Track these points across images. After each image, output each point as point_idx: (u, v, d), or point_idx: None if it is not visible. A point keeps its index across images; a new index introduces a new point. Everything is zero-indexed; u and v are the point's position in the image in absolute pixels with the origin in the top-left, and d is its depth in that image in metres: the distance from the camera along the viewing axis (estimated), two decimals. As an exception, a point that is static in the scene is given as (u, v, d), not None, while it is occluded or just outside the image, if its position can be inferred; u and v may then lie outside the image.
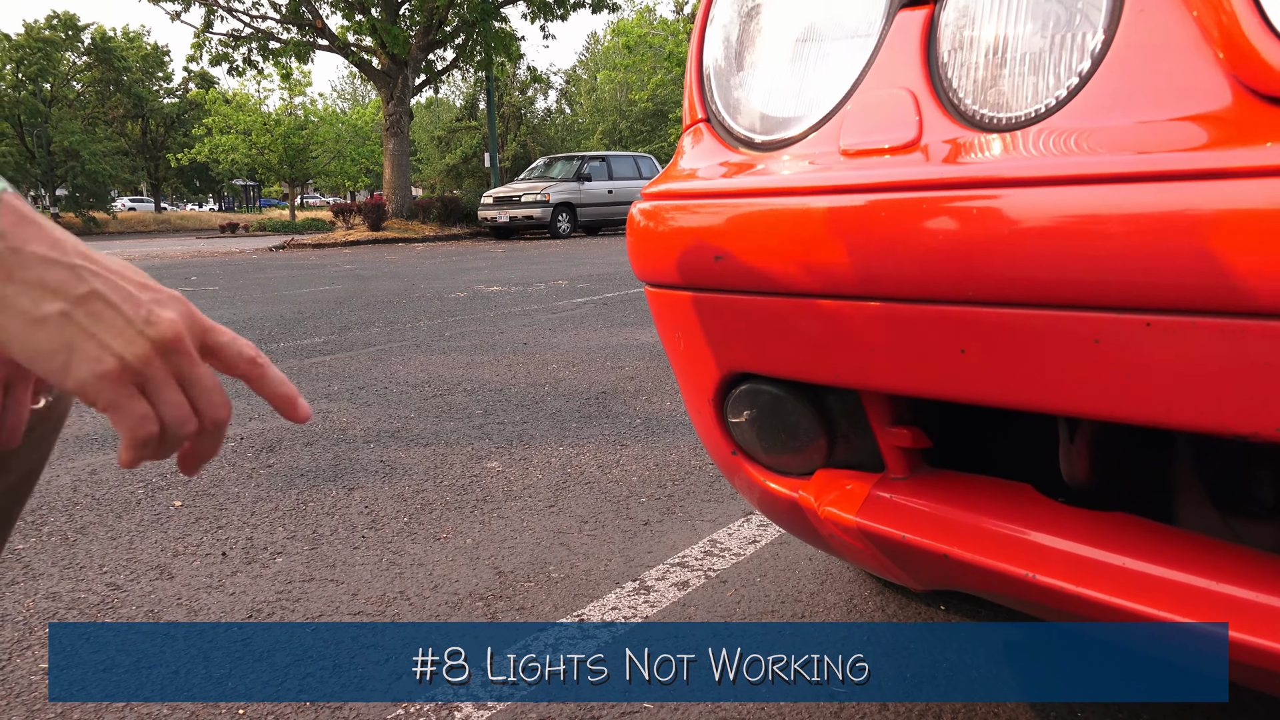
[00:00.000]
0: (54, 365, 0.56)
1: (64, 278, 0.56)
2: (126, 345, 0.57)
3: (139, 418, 0.58)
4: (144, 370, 0.58)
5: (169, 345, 0.59)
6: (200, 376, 0.60)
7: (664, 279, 1.04)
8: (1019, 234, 0.74)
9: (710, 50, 1.15)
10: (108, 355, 0.57)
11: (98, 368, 0.56)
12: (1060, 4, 0.86)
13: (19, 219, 0.56)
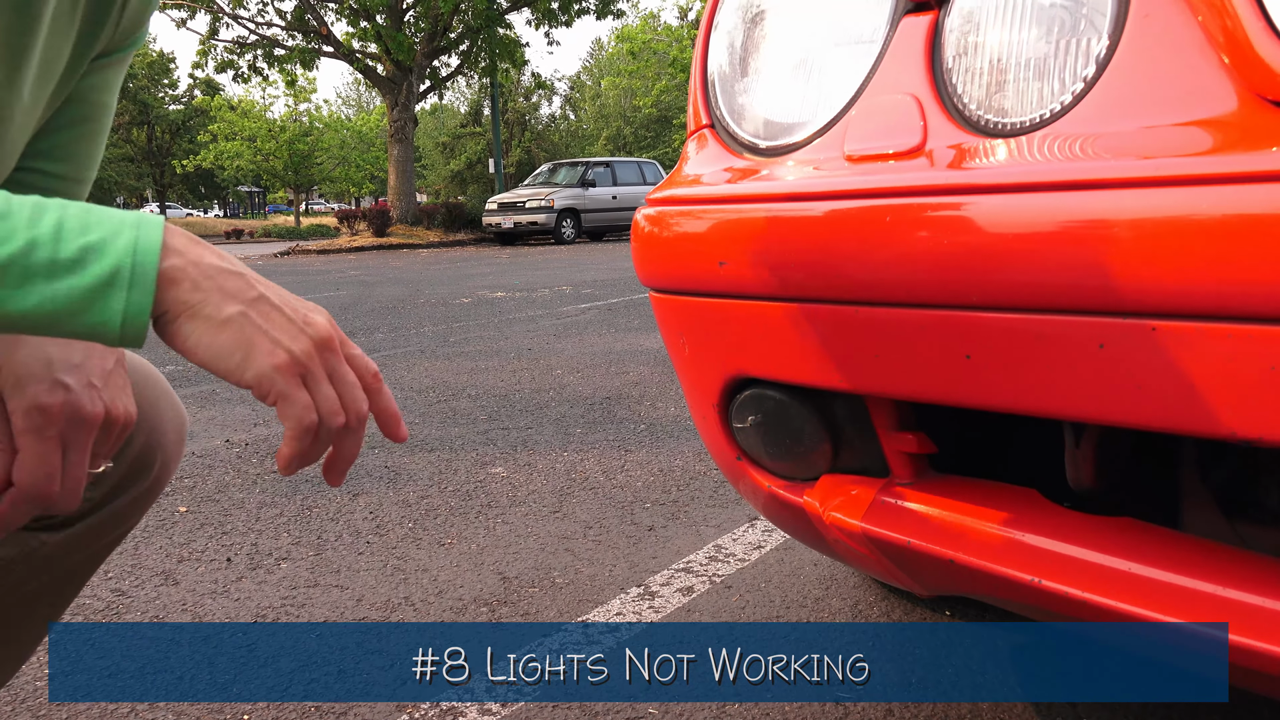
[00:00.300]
0: (234, 362, 0.61)
1: (239, 284, 0.63)
2: (293, 341, 0.63)
3: (303, 407, 0.64)
4: (307, 364, 0.64)
5: (325, 343, 0.65)
6: (346, 373, 0.67)
7: (668, 284, 1.04)
8: (1023, 239, 0.74)
9: (715, 56, 1.15)
10: (280, 349, 0.63)
11: (273, 360, 0.62)
12: (1065, 9, 0.86)
13: (189, 239, 0.62)
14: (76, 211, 0.59)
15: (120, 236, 0.59)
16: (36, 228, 0.57)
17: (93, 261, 0.57)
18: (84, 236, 0.58)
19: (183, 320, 0.61)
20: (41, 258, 0.57)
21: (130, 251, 0.58)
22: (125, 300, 0.58)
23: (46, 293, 0.57)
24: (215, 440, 3.01)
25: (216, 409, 3.48)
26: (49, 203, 0.59)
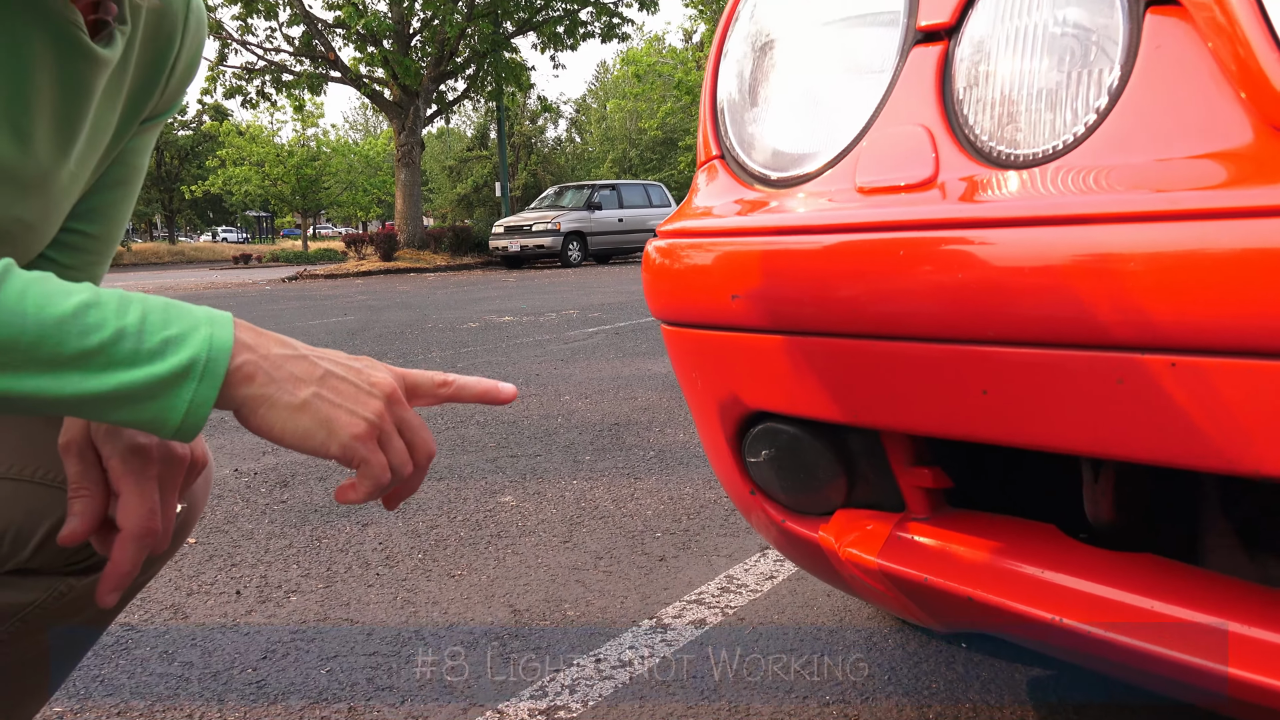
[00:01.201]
0: (318, 439, 0.66)
1: (305, 367, 0.67)
2: (365, 407, 0.68)
3: (380, 467, 0.68)
4: (381, 425, 0.68)
5: (392, 398, 0.69)
6: (411, 418, 0.71)
7: (680, 317, 1.03)
8: (1039, 273, 0.74)
9: (724, 85, 1.15)
10: (357, 419, 0.67)
11: (354, 430, 0.67)
12: (1076, 39, 0.85)
13: (254, 332, 0.66)
14: (157, 305, 0.63)
15: (197, 332, 0.63)
16: (124, 318, 0.61)
17: (171, 354, 0.61)
18: (165, 330, 0.62)
19: (263, 411, 0.65)
20: (127, 347, 0.60)
21: (206, 347, 0.62)
22: (193, 392, 0.62)
23: (125, 378, 0.60)
24: (224, 469, 3.00)
25: (225, 437, 3.48)
26: (132, 296, 0.63)
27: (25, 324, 0.58)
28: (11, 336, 0.57)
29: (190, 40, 0.94)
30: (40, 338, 0.58)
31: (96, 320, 0.60)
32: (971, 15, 0.92)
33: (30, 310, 0.58)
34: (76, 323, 0.59)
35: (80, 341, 0.59)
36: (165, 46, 0.92)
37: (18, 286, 0.59)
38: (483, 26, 18.61)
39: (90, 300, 0.61)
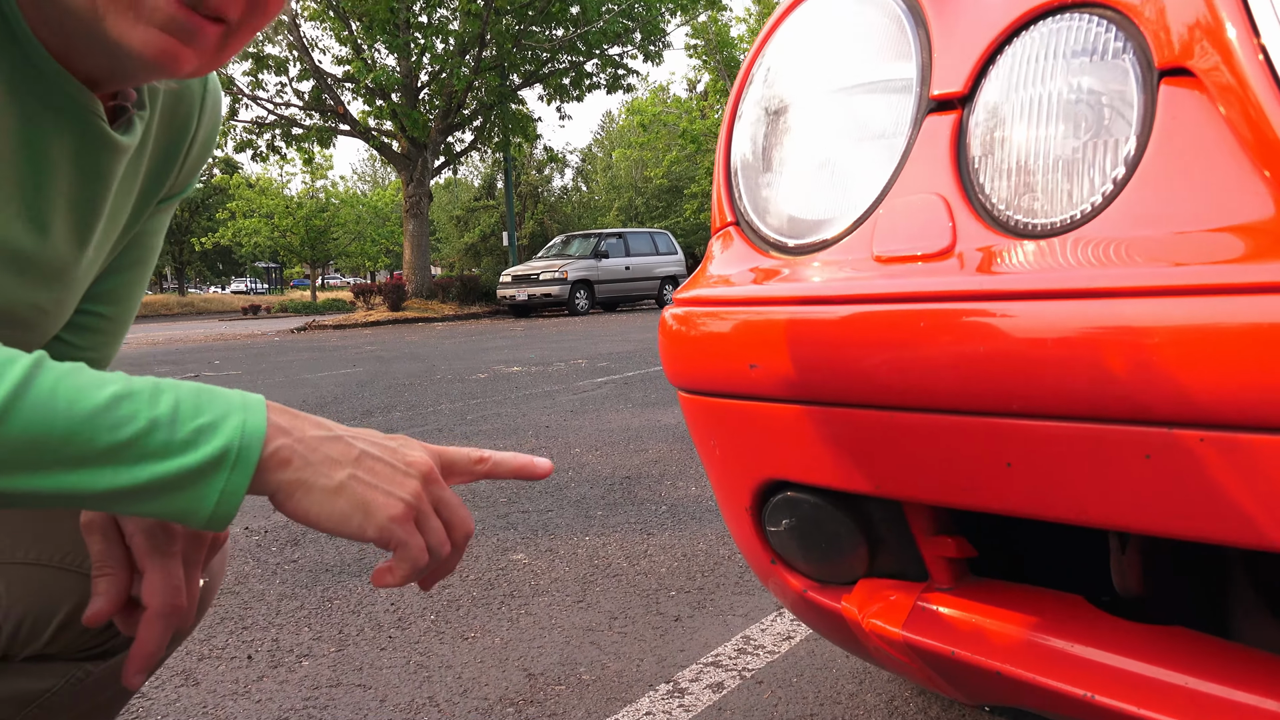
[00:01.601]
0: (355, 523, 0.65)
1: (341, 448, 0.66)
2: (402, 488, 0.67)
3: (418, 549, 0.68)
4: (418, 505, 0.68)
5: (428, 477, 0.69)
6: (449, 497, 0.70)
7: (698, 385, 1.03)
8: (1062, 346, 0.73)
9: (738, 149, 1.15)
10: (394, 500, 0.66)
11: (391, 512, 0.66)
12: (1091, 109, 0.86)
13: (289, 415, 0.65)
14: (189, 392, 0.62)
15: (230, 419, 0.62)
16: (156, 408, 0.60)
17: (204, 443, 0.60)
18: (197, 418, 0.61)
19: (299, 495, 0.64)
20: (160, 439, 0.59)
21: (239, 434, 0.61)
22: (225, 481, 0.61)
23: (157, 470, 0.59)
24: (234, 527, 2.99)
25: (235, 494, 3.46)
26: (164, 383, 0.62)
27: (56, 420, 0.57)
28: (42, 434, 0.56)
29: (207, 120, 0.95)
30: (71, 433, 0.57)
31: (129, 412, 0.59)
32: (985, 84, 0.92)
33: (62, 406, 0.57)
34: (108, 416, 0.58)
35: (112, 435, 0.58)
36: (182, 128, 0.92)
37: (49, 382, 0.58)
38: (489, 79, 18.86)
39: (123, 391, 0.60)
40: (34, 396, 0.57)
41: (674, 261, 19.90)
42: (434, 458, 0.71)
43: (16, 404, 0.56)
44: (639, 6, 19.50)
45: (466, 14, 17.93)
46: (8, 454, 0.56)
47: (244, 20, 0.73)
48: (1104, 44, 0.85)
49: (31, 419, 0.56)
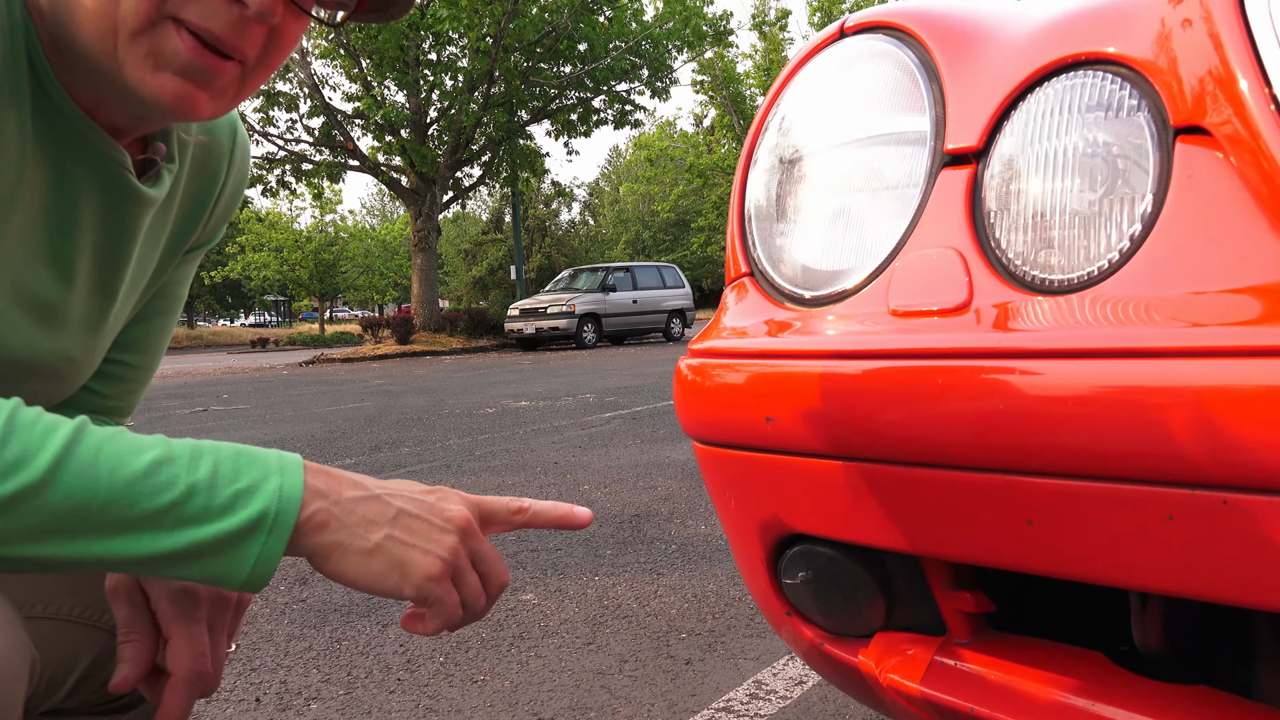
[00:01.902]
0: (392, 582, 0.65)
1: (378, 508, 0.66)
2: (439, 545, 0.67)
3: (453, 606, 0.68)
4: (455, 561, 0.67)
5: (466, 531, 0.69)
6: (486, 550, 0.70)
7: (714, 438, 1.03)
8: (1082, 405, 0.73)
9: (753, 197, 1.16)
10: (431, 558, 0.66)
11: (429, 571, 0.66)
12: (1106, 165, 0.86)
13: (326, 475, 0.65)
14: (228, 455, 0.62)
15: (267, 483, 0.62)
16: (195, 473, 0.60)
17: (242, 508, 0.60)
18: (236, 482, 0.61)
19: (336, 557, 0.64)
20: (199, 504, 0.59)
21: (276, 498, 0.61)
22: (261, 545, 0.61)
23: (196, 535, 0.59)
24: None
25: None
26: (203, 446, 0.62)
27: (98, 488, 0.57)
28: (83, 501, 0.57)
29: (235, 172, 0.96)
30: (111, 500, 0.57)
31: (169, 477, 0.59)
32: (999, 139, 0.93)
33: (104, 473, 0.58)
34: (149, 481, 0.59)
35: (152, 501, 0.58)
36: (211, 179, 0.93)
37: (92, 448, 0.58)
38: (498, 115, 19.02)
39: (163, 456, 0.60)
40: (76, 464, 0.57)
41: (681, 295, 19.95)
42: (472, 509, 0.71)
43: (60, 471, 0.57)
44: (646, 44, 19.70)
45: (476, 51, 18.12)
46: (50, 520, 0.56)
47: (261, 59, 0.74)
48: (1119, 101, 0.86)
49: (75, 486, 0.57)
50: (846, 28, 1.13)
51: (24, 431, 0.57)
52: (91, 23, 0.67)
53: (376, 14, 0.80)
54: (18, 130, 0.70)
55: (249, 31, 0.70)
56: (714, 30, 20.30)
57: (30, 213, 0.74)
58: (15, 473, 0.56)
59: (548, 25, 18.45)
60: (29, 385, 0.81)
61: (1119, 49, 0.87)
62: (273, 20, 0.70)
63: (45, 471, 0.56)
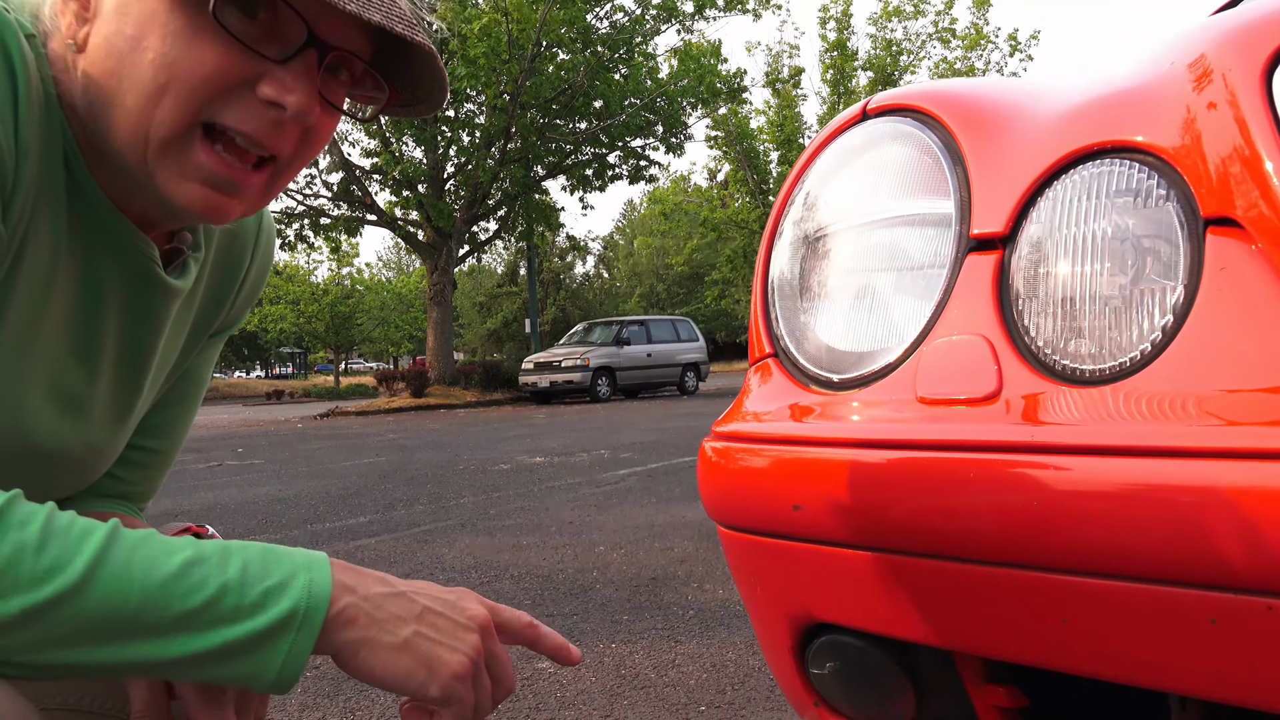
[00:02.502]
0: (419, 680, 0.65)
1: (404, 604, 0.66)
2: (464, 643, 0.67)
3: (469, 707, 0.68)
4: (477, 659, 0.68)
5: (485, 629, 0.69)
6: (501, 653, 0.71)
7: (739, 523, 1.02)
8: (1116, 504, 0.72)
9: (776, 273, 1.16)
10: (459, 655, 0.67)
11: (456, 669, 0.66)
12: (1135, 253, 0.85)
13: (353, 572, 0.66)
14: (256, 554, 0.63)
15: (296, 579, 0.62)
16: (226, 573, 0.61)
17: (272, 605, 0.61)
18: (265, 580, 0.62)
19: (364, 653, 0.64)
20: (230, 603, 0.60)
21: (305, 595, 0.62)
22: (290, 643, 0.61)
23: (227, 635, 0.60)
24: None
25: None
26: (232, 545, 0.63)
27: (132, 590, 0.58)
28: (118, 604, 0.57)
29: (260, 258, 0.97)
30: (146, 602, 0.58)
31: (200, 578, 0.60)
32: (1026, 226, 0.93)
33: (137, 577, 0.58)
34: (181, 583, 0.59)
35: (184, 602, 0.59)
36: (236, 265, 0.94)
37: (124, 553, 0.59)
38: (514, 171, 19.24)
39: (194, 557, 0.61)
40: (111, 567, 0.58)
41: (696, 349, 19.97)
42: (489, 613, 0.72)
43: (95, 575, 0.57)
44: (661, 101, 19.94)
45: (493, 108, 18.38)
46: (84, 625, 0.56)
47: (294, 157, 0.75)
48: (1147, 190, 0.86)
49: (110, 590, 0.57)
50: (869, 109, 1.13)
51: (59, 536, 0.58)
52: (126, 128, 0.68)
53: (406, 109, 0.81)
54: (52, 228, 0.71)
55: (285, 132, 0.71)
56: (728, 87, 20.56)
57: (61, 306, 0.75)
58: (51, 578, 0.56)
59: (564, 83, 18.73)
60: (53, 476, 0.81)
61: (1146, 137, 0.87)
62: (309, 121, 0.71)
63: (81, 576, 0.57)
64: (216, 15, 0.66)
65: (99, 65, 0.68)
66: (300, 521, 5.04)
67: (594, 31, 19.00)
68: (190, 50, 0.66)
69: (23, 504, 0.59)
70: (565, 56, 19.08)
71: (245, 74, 0.68)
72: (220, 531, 2.65)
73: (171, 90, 0.67)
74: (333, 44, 0.71)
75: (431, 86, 0.78)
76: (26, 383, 0.74)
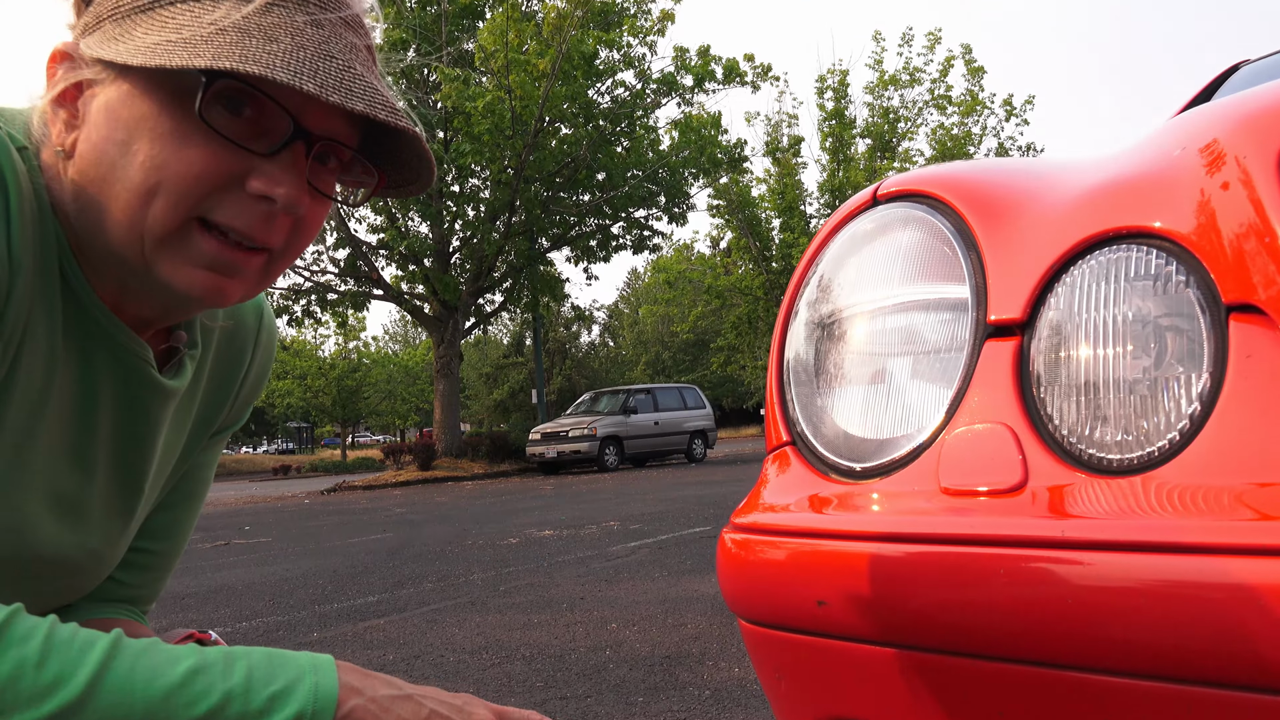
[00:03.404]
0: None
1: (411, 708, 0.67)
2: None
3: None
4: None
5: None
6: None
7: (761, 617, 0.99)
8: (1154, 602, 0.70)
9: (791, 357, 1.15)
10: None
11: None
12: (1157, 338, 0.84)
13: (359, 674, 0.66)
14: (261, 659, 0.63)
15: (302, 683, 0.63)
16: (230, 679, 0.61)
17: (278, 710, 0.61)
18: (270, 685, 0.62)
19: None
20: (235, 710, 0.60)
21: (311, 699, 0.62)
22: None
23: None
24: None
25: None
26: (236, 651, 0.63)
27: (134, 703, 0.58)
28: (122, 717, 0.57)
29: (261, 354, 0.97)
30: (149, 713, 0.58)
31: (204, 687, 0.60)
32: (1044, 311, 0.92)
33: (139, 687, 0.58)
34: (185, 692, 0.59)
35: (189, 711, 0.59)
36: (236, 361, 0.93)
37: (127, 663, 0.59)
38: (519, 243, 19.43)
39: (197, 665, 0.61)
40: (114, 679, 0.58)
41: (703, 416, 19.94)
42: (495, 716, 0.71)
43: (98, 688, 0.57)
44: (663, 172, 20.20)
45: (497, 183, 18.62)
46: None
47: (286, 247, 0.75)
48: (1165, 276, 0.85)
49: (113, 702, 0.57)
50: (880, 194, 1.14)
51: (61, 650, 0.58)
52: (120, 231, 0.69)
53: (396, 189, 0.82)
54: (47, 334, 0.71)
55: (275, 224, 0.72)
56: (729, 157, 20.83)
57: (57, 410, 0.74)
58: (54, 693, 0.56)
59: (567, 156, 18.99)
60: (54, 582, 0.80)
61: (1163, 223, 0.86)
62: (299, 211, 0.72)
63: (84, 690, 0.57)
64: (203, 115, 0.67)
65: (89, 170, 0.69)
66: (308, 602, 4.99)
67: (596, 106, 19.32)
68: (179, 151, 0.67)
69: (24, 618, 0.58)
70: (568, 131, 19.38)
71: (234, 170, 0.69)
72: (228, 613, 2.60)
73: (163, 191, 0.68)
74: (319, 134, 0.72)
75: (419, 167, 0.79)
76: (25, 488, 0.73)
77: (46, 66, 0.72)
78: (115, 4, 0.70)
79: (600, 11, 18.49)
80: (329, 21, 0.71)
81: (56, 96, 0.71)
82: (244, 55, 0.65)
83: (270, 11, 0.68)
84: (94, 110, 0.69)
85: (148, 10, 0.68)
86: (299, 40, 0.68)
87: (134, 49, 0.66)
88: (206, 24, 0.67)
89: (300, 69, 0.67)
